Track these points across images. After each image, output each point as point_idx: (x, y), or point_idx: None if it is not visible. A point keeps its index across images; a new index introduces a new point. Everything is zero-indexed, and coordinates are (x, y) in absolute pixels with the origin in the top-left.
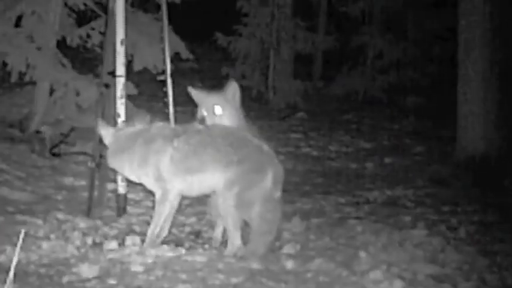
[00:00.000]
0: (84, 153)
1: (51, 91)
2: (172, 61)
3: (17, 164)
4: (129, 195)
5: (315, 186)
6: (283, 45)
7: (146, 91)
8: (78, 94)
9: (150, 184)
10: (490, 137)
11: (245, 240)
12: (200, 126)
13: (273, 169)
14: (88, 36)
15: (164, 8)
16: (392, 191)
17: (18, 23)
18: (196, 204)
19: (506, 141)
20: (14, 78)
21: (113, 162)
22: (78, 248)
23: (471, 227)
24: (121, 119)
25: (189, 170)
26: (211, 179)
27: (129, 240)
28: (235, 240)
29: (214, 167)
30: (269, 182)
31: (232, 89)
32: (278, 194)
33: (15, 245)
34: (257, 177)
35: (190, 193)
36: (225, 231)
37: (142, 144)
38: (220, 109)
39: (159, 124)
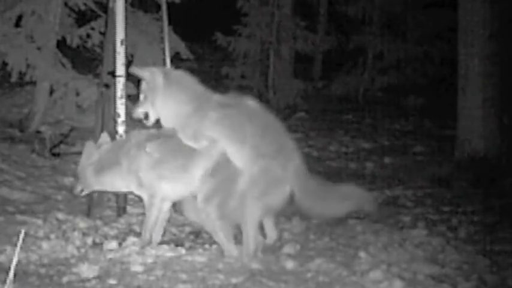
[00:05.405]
0: None
1: (51, 91)
2: (172, 61)
3: (17, 164)
4: (129, 195)
5: None
6: (283, 45)
7: None
8: (78, 94)
9: (136, 191)
10: (490, 137)
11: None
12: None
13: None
14: (88, 36)
15: (164, 8)
16: (392, 191)
17: (18, 23)
18: None
19: (506, 141)
20: (14, 78)
21: (96, 181)
22: (78, 248)
23: (471, 227)
24: (121, 119)
25: (163, 178)
26: (184, 188)
27: (129, 240)
28: (231, 252)
29: (186, 177)
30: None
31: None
32: None
33: (15, 245)
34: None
35: (173, 198)
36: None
37: (122, 155)
38: None
39: (135, 132)
